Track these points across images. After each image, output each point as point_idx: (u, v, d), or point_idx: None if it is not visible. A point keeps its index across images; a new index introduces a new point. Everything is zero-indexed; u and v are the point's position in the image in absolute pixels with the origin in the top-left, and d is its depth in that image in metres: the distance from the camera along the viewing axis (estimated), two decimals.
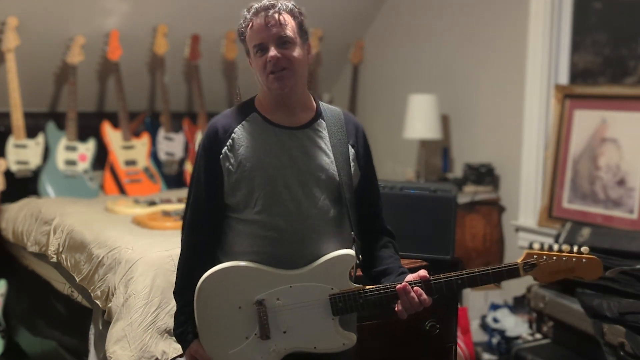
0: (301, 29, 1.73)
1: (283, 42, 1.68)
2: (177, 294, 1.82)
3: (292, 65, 1.69)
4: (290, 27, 1.69)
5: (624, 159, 3.30)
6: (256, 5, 1.71)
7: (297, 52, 1.70)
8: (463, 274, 1.67)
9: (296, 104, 1.76)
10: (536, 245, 1.70)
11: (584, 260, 1.66)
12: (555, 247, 1.68)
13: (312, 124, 1.77)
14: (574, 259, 1.66)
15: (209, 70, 4.38)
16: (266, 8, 1.69)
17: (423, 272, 1.70)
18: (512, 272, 1.67)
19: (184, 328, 1.78)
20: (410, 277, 1.70)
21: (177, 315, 1.82)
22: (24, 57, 3.68)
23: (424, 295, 1.66)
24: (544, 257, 1.66)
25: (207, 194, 1.74)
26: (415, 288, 1.66)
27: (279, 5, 1.70)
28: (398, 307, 1.68)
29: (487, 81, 4.05)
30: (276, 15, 1.68)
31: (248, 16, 1.71)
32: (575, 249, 1.67)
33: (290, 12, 1.71)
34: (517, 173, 3.86)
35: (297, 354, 1.71)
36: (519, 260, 1.68)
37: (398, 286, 1.67)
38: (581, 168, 3.48)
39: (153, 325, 2.30)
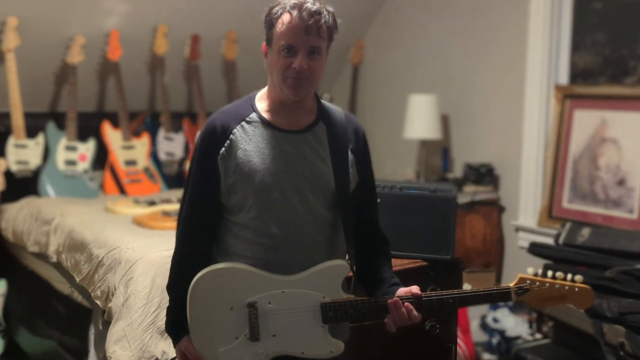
0: (330, 42, 1.71)
1: (312, 52, 1.65)
2: (170, 289, 1.82)
3: (313, 77, 1.67)
4: (324, 39, 1.67)
5: (624, 159, 3.30)
6: (301, 1, 1.63)
7: (321, 65, 1.68)
8: (455, 293, 1.68)
9: (300, 108, 1.74)
10: (530, 270, 1.71)
11: (576, 289, 1.66)
12: (549, 273, 1.68)
13: (312, 127, 1.75)
14: (566, 287, 1.66)
15: (209, 70, 4.38)
16: (311, 13, 1.62)
17: (415, 289, 1.70)
18: (504, 295, 1.70)
19: (176, 324, 1.79)
20: (402, 291, 1.70)
21: (170, 311, 1.82)
22: (24, 57, 3.68)
23: (414, 312, 1.67)
24: (537, 283, 1.67)
25: (203, 192, 1.73)
26: (406, 304, 1.67)
27: (324, 14, 1.65)
28: (387, 320, 1.69)
29: (487, 81, 4.05)
30: (317, 26, 1.63)
31: (287, 7, 1.64)
32: (569, 277, 1.68)
33: (330, 26, 1.68)
34: (517, 173, 3.86)
35: (285, 358, 1.72)
36: (512, 285, 1.69)
37: (389, 300, 1.67)
38: (581, 168, 3.48)
39: (153, 325, 2.30)
